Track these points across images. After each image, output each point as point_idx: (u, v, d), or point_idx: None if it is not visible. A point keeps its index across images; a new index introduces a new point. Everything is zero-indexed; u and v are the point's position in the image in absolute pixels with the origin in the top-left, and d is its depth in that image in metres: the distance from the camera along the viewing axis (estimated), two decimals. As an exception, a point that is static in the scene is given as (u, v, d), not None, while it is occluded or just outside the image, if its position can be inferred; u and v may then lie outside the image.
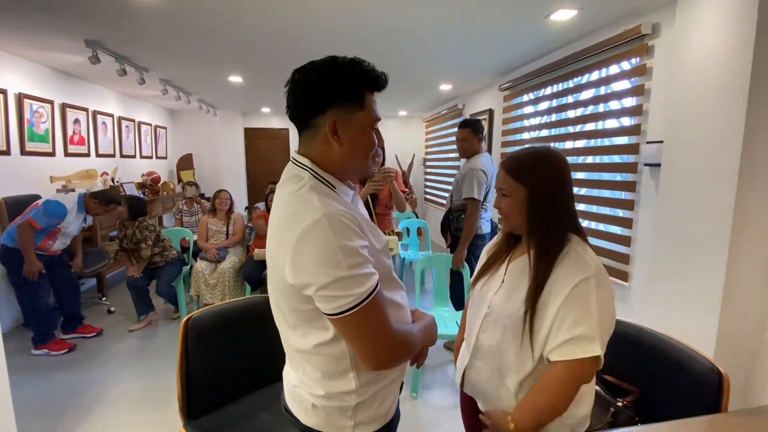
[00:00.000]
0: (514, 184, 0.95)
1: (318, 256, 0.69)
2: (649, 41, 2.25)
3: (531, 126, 3.53)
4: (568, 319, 0.88)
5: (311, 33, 2.75)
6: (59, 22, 2.53)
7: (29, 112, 3.34)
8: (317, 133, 0.78)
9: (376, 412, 0.84)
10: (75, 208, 2.78)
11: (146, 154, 5.59)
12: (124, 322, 3.28)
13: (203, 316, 1.51)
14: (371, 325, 0.73)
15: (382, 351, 0.75)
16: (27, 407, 2.16)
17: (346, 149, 0.79)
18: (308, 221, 0.70)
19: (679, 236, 1.84)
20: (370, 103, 0.80)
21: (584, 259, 0.91)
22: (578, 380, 0.89)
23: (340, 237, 0.69)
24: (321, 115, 0.77)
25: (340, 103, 0.77)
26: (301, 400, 0.84)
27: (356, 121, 0.78)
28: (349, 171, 0.83)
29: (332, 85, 0.77)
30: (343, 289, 0.69)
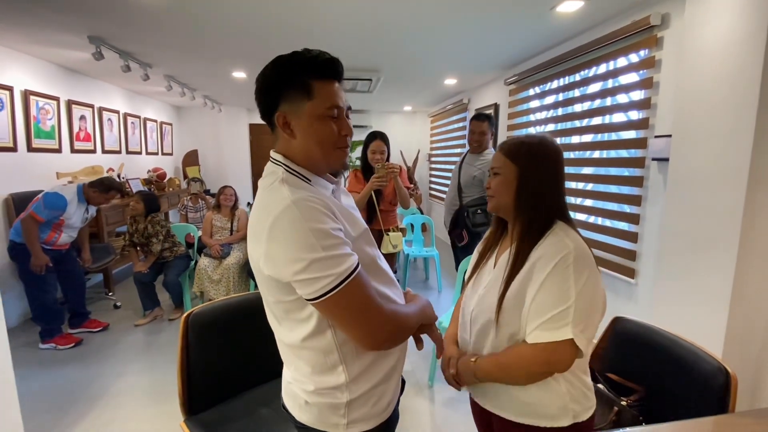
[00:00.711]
0: (506, 162, 0.96)
1: (291, 242, 0.69)
2: (658, 32, 2.20)
3: (537, 120, 3.48)
4: (542, 301, 0.85)
5: (315, 27, 2.73)
6: (63, 18, 2.54)
7: (35, 109, 3.37)
8: (277, 130, 0.80)
9: (371, 410, 0.83)
10: (75, 199, 2.79)
11: (152, 151, 5.62)
12: (131, 317, 3.31)
13: (204, 311, 1.51)
14: (356, 304, 0.72)
15: (374, 329, 0.74)
16: (33, 400, 2.19)
17: (300, 141, 0.79)
18: (277, 210, 0.70)
19: (687, 232, 1.80)
20: (321, 91, 0.77)
21: (563, 240, 0.88)
22: (547, 365, 0.85)
23: (311, 220, 0.69)
24: (275, 111, 0.78)
25: (288, 96, 0.77)
26: (296, 397, 0.84)
27: (305, 111, 0.77)
28: (313, 163, 0.81)
29: (276, 79, 0.77)
30: (320, 271, 0.68)
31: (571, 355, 0.84)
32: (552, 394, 0.90)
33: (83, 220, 2.93)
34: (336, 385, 0.79)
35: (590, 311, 0.85)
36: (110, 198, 2.99)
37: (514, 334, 0.92)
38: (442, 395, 2.27)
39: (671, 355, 1.20)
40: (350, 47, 3.17)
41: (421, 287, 4.19)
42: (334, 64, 0.79)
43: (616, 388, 1.29)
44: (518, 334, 0.91)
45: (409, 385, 2.36)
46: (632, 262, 2.38)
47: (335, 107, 0.78)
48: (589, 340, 0.86)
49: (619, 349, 1.38)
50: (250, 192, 7.21)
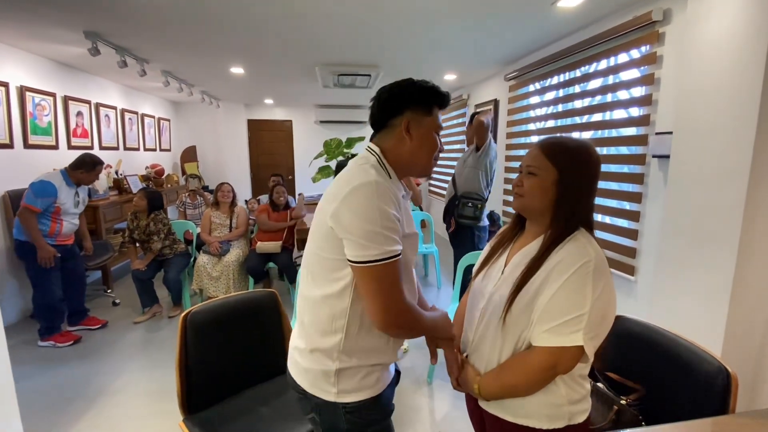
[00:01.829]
0: (546, 164, 0.92)
1: (359, 209, 0.83)
2: (660, 28, 2.17)
3: (537, 116, 3.46)
4: (558, 305, 0.84)
5: (314, 22, 2.70)
6: (58, 14, 2.50)
7: (31, 105, 3.34)
8: (392, 131, 0.96)
9: (361, 382, 0.92)
10: (63, 183, 2.76)
11: (150, 147, 5.59)
12: (129, 315, 3.31)
13: (203, 310, 1.50)
14: (387, 283, 0.84)
15: (390, 311, 0.85)
16: (32, 399, 2.19)
17: (415, 144, 0.95)
18: (361, 181, 0.85)
19: (687, 230, 1.79)
20: (436, 114, 0.98)
21: (585, 247, 0.87)
22: (553, 369, 0.85)
23: (381, 200, 0.84)
24: (398, 116, 0.95)
25: (414, 108, 0.95)
26: (296, 364, 0.97)
27: (425, 123, 0.96)
28: (413, 165, 0.97)
29: (409, 93, 0.95)
30: (372, 242, 0.82)
31: (576, 360, 0.84)
32: (551, 396, 0.89)
33: (75, 203, 2.87)
34: (329, 347, 0.90)
35: (602, 321, 0.85)
36: (99, 172, 2.94)
37: (519, 337, 0.90)
38: (441, 392, 2.27)
39: (671, 355, 1.20)
40: (349, 42, 3.13)
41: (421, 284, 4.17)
42: (449, 101, 1.00)
43: (616, 387, 1.29)
44: (522, 339, 0.90)
45: (409, 382, 2.36)
46: (632, 260, 2.38)
47: (441, 128, 1.01)
48: (596, 348, 0.85)
49: (619, 348, 1.37)
50: (249, 188, 7.18)
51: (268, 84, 4.99)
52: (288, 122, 7.28)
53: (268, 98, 6.30)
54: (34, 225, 2.63)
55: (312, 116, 7.19)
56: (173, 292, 3.30)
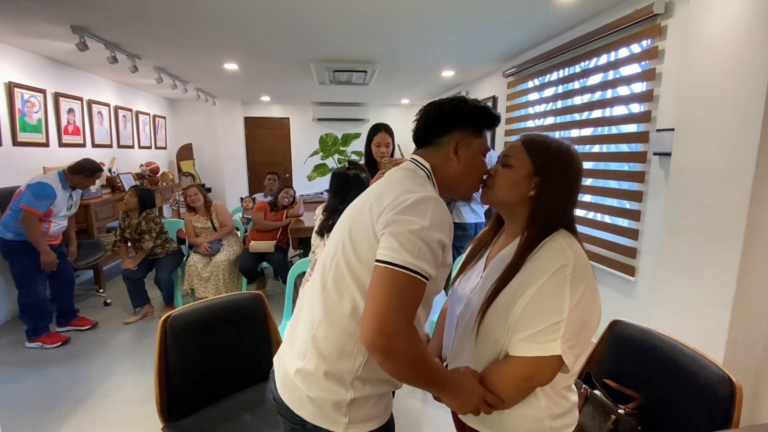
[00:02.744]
0: (524, 157, 0.87)
1: (415, 216, 0.76)
2: (662, 21, 2.11)
3: (536, 113, 3.40)
4: (535, 311, 0.78)
5: (307, 16, 2.63)
6: (43, 7, 2.44)
7: (20, 102, 3.28)
8: (439, 149, 0.90)
9: (371, 411, 0.84)
10: (60, 186, 2.72)
11: (145, 144, 5.53)
12: (120, 315, 3.25)
13: (184, 314, 1.45)
14: (395, 297, 0.73)
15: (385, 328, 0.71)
16: (15, 402, 2.14)
17: (462, 166, 0.90)
18: (423, 194, 0.79)
19: (689, 230, 1.73)
20: (485, 135, 0.93)
21: (563, 249, 0.81)
22: (531, 380, 0.80)
23: (437, 217, 0.77)
24: (446, 135, 0.89)
25: (464, 128, 0.89)
26: (295, 390, 0.84)
27: (475, 145, 0.90)
28: (458, 187, 0.92)
29: (461, 113, 0.89)
30: (408, 247, 0.73)
31: (555, 370, 0.78)
32: (530, 409, 0.84)
33: (68, 206, 2.84)
34: (345, 370, 0.80)
35: (582, 328, 0.79)
36: (97, 178, 2.93)
37: (494, 346, 0.85)
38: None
39: (672, 362, 1.14)
40: (345, 37, 3.07)
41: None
42: (498, 122, 0.93)
43: (614, 395, 1.24)
44: (501, 347, 0.84)
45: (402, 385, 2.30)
46: (632, 260, 2.32)
47: (488, 150, 0.93)
48: (577, 357, 0.79)
49: (617, 354, 1.32)
50: (246, 186, 7.13)
51: (263, 81, 4.93)
52: (285, 120, 7.22)
53: (264, 95, 6.24)
54: (38, 230, 2.60)
55: (309, 114, 7.13)
56: (164, 292, 3.25)
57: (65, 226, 2.91)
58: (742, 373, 1.51)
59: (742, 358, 1.55)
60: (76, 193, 2.93)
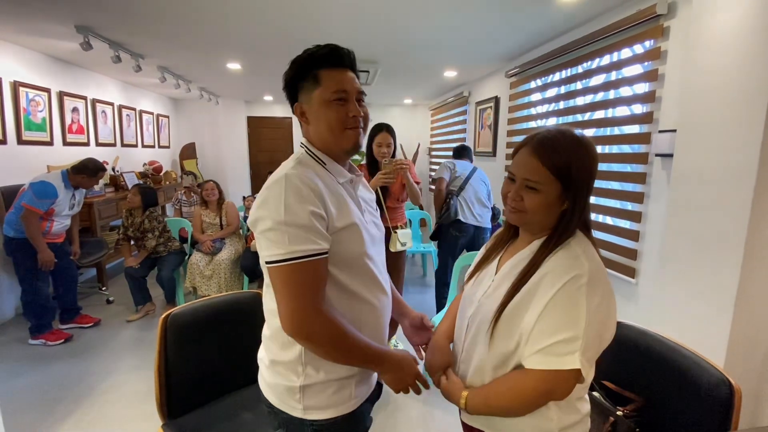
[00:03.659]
0: (549, 178, 0.79)
1: (266, 204, 0.78)
2: (665, 22, 2.10)
3: (538, 114, 3.39)
4: (549, 323, 0.76)
5: (311, 17, 2.64)
6: (47, 6, 2.46)
7: (25, 101, 3.30)
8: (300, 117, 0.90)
9: (331, 398, 0.85)
10: (62, 185, 2.73)
11: (148, 143, 5.56)
12: (123, 313, 3.27)
13: (184, 312, 1.45)
14: (294, 286, 0.76)
15: (295, 318, 0.77)
16: (18, 398, 2.16)
17: (313, 126, 0.88)
18: (273, 178, 0.81)
19: (691, 232, 1.73)
20: (327, 79, 0.85)
21: (578, 257, 0.78)
22: (548, 394, 0.78)
23: (290, 195, 0.77)
24: (296, 104, 0.89)
25: (302, 87, 0.87)
26: (262, 376, 0.92)
27: (315, 97, 0.85)
28: (327, 147, 0.88)
29: (292, 75, 0.88)
30: (276, 239, 0.76)
31: (574, 383, 0.76)
32: (540, 419, 0.82)
33: (71, 206, 2.86)
34: (290, 360, 0.84)
35: (599, 339, 0.77)
36: (100, 178, 2.94)
37: (505, 351, 0.83)
38: (436, 397, 2.21)
39: (671, 364, 1.14)
40: (347, 37, 3.07)
41: (419, 284, 4.14)
42: (338, 52, 0.87)
43: (613, 397, 1.23)
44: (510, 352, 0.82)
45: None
46: (633, 261, 2.31)
47: (342, 91, 0.85)
48: (592, 367, 0.78)
49: (616, 355, 1.31)
50: (248, 184, 7.15)
51: (266, 80, 4.94)
52: (288, 119, 7.23)
53: (267, 95, 6.25)
54: (38, 228, 2.62)
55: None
56: (166, 290, 3.26)
57: (68, 225, 2.93)
58: (744, 376, 1.50)
59: (743, 361, 1.54)
60: (80, 193, 2.95)
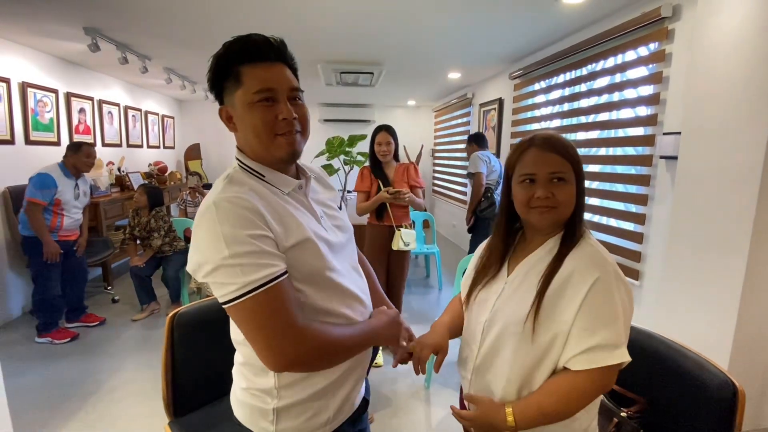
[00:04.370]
0: (568, 167, 0.82)
1: (202, 243, 0.68)
2: (669, 25, 2.10)
3: (542, 116, 3.39)
4: (589, 322, 0.77)
5: (316, 19, 2.66)
6: (57, 9, 2.49)
7: (33, 101, 3.34)
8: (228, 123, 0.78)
9: (305, 424, 0.77)
10: (61, 174, 2.74)
11: (154, 144, 5.59)
12: (128, 312, 3.30)
13: (191, 311, 1.47)
14: (263, 319, 0.66)
15: (280, 348, 0.67)
16: (24, 396, 2.18)
17: (241, 133, 0.76)
18: (201, 209, 0.70)
19: (695, 234, 1.73)
20: (249, 77, 0.72)
21: (599, 252, 0.81)
22: (603, 389, 0.81)
23: (225, 224, 0.66)
24: (221, 108, 0.78)
25: (226, 89, 0.75)
26: (233, 391, 0.86)
27: (238, 100, 0.74)
28: (260, 156, 0.77)
29: (214, 75, 0.75)
30: (227, 277, 0.66)
31: (617, 373, 0.80)
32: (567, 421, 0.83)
33: (76, 195, 2.85)
34: (265, 388, 0.77)
35: (629, 325, 0.81)
36: (87, 155, 2.82)
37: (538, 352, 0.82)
38: (439, 397, 2.22)
39: (675, 366, 1.14)
40: (352, 39, 3.09)
41: (422, 285, 4.14)
42: (258, 45, 0.73)
43: (616, 398, 1.24)
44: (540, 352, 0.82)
45: (405, 387, 2.31)
46: (637, 264, 2.31)
47: (266, 90, 0.72)
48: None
49: (620, 357, 1.31)
50: (253, 186, 7.17)
51: (271, 82, 4.96)
52: (292, 120, 7.25)
53: (271, 96, 6.28)
54: (41, 220, 2.63)
55: (316, 115, 7.16)
56: (172, 289, 3.28)
57: (80, 220, 2.94)
58: (748, 377, 1.50)
59: (747, 362, 1.54)
60: (84, 182, 2.94)
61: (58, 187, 2.68)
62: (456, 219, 5.83)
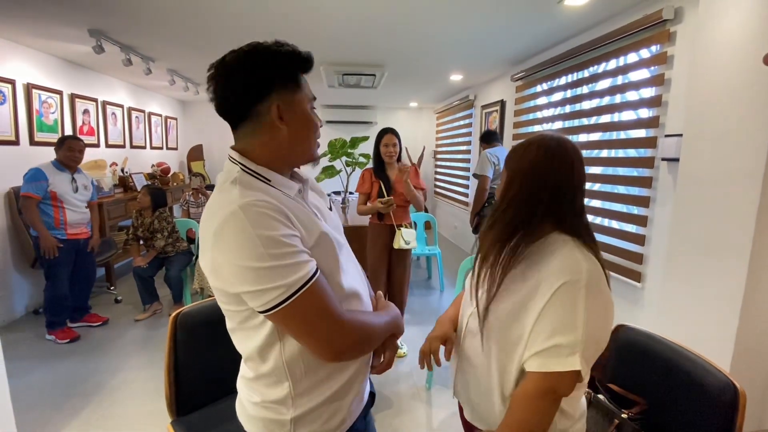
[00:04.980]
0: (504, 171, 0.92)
1: (236, 251, 0.65)
2: (671, 27, 2.11)
3: (544, 118, 3.40)
4: (547, 325, 0.77)
5: (318, 20, 2.68)
6: (62, 11, 2.51)
7: (38, 102, 3.37)
8: (260, 122, 0.75)
9: (323, 427, 0.78)
10: (50, 166, 2.73)
11: (156, 145, 5.62)
12: (131, 312, 3.31)
13: (194, 311, 1.48)
14: (312, 315, 0.68)
15: (333, 340, 0.70)
16: (28, 394, 2.20)
17: (293, 131, 0.77)
18: (223, 215, 0.66)
19: (697, 236, 1.73)
20: (306, 86, 0.81)
21: (578, 260, 0.79)
22: (554, 394, 0.78)
23: (259, 227, 0.65)
24: (263, 102, 0.74)
25: (281, 85, 0.75)
26: (242, 407, 0.82)
27: (298, 101, 0.77)
28: (295, 155, 0.80)
29: (272, 68, 0.75)
30: (269, 281, 0.64)
31: (574, 382, 0.78)
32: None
33: (74, 189, 2.84)
34: (279, 398, 0.75)
35: (598, 339, 0.79)
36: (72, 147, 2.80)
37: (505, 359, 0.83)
38: (440, 399, 2.22)
39: (676, 367, 1.14)
40: (354, 41, 3.11)
41: (424, 286, 4.14)
42: (312, 60, 0.81)
43: (617, 400, 1.24)
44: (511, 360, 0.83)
45: (407, 388, 2.32)
46: (639, 266, 2.31)
47: (313, 99, 0.82)
48: (590, 367, 0.80)
49: (621, 358, 1.32)
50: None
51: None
52: (294, 122, 7.28)
53: (274, 98, 6.30)
54: (35, 213, 2.65)
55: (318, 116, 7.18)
56: (174, 290, 3.30)
57: (87, 215, 2.95)
58: (750, 380, 1.49)
59: (749, 365, 1.54)
60: (82, 177, 2.93)
61: (48, 179, 2.68)
62: (458, 220, 5.84)
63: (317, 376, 0.76)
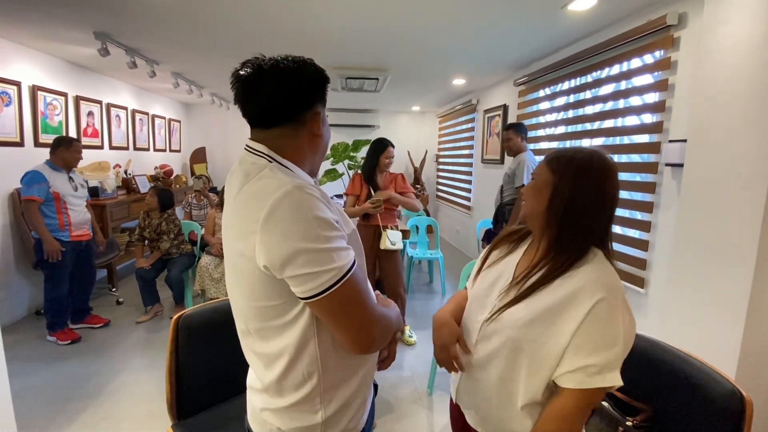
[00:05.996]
0: (544, 169, 0.87)
1: (291, 230, 0.64)
2: (675, 32, 2.11)
3: (547, 122, 3.40)
4: (588, 342, 0.77)
5: (320, 26, 2.69)
6: (68, 14, 2.53)
7: (43, 104, 3.39)
8: (300, 127, 0.78)
9: (348, 425, 0.79)
10: (47, 167, 2.73)
11: (160, 147, 5.64)
12: (132, 314, 3.31)
13: (195, 314, 1.47)
14: (355, 302, 0.68)
15: (369, 331, 0.71)
16: (29, 396, 2.19)
17: (323, 141, 0.84)
18: (277, 195, 0.65)
19: (701, 242, 1.72)
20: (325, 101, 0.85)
21: (608, 271, 0.81)
22: (589, 408, 0.80)
23: (313, 208, 0.65)
24: (310, 110, 0.78)
25: (322, 99, 0.81)
26: (264, 424, 0.79)
27: (320, 114, 0.81)
28: (317, 163, 0.86)
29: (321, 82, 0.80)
30: (323, 264, 0.64)
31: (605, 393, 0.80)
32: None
33: (74, 188, 2.84)
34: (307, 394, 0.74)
35: (627, 351, 0.79)
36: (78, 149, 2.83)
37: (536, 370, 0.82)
38: (442, 403, 2.21)
39: (681, 375, 1.13)
40: (357, 46, 3.12)
41: (425, 290, 4.13)
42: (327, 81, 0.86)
43: (622, 407, 1.23)
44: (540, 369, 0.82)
45: (408, 392, 2.30)
46: (642, 272, 2.30)
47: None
48: None
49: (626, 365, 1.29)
50: (257, 190, 7.20)
51: (277, 86, 5.00)
52: (297, 125, 7.30)
53: (277, 101, 6.32)
54: (38, 216, 2.65)
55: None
56: (175, 290, 3.30)
57: (88, 216, 2.96)
58: (755, 387, 1.48)
59: (755, 372, 1.52)
60: (76, 175, 2.93)
61: (48, 180, 2.69)
62: (459, 224, 5.83)
63: (344, 369, 0.77)
